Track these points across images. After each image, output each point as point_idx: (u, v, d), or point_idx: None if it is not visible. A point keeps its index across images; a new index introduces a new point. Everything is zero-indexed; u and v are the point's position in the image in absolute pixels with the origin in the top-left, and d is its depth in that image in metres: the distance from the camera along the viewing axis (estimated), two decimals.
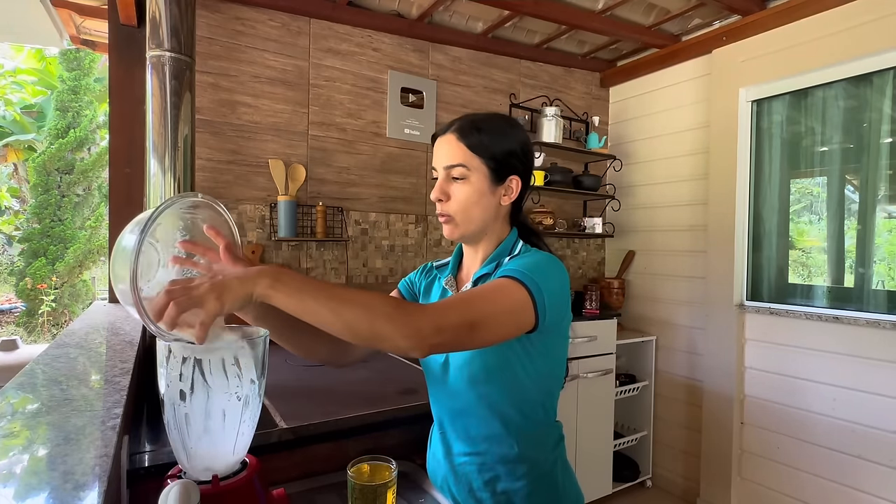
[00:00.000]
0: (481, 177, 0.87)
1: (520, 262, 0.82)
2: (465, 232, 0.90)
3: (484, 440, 0.90)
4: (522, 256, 0.87)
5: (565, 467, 0.94)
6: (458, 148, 0.87)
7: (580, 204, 3.12)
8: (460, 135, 0.87)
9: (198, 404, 0.67)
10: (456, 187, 0.88)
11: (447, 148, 0.88)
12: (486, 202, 0.88)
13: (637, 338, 2.82)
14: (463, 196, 0.87)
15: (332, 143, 2.31)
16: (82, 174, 7.32)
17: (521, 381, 0.86)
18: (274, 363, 1.65)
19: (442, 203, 0.89)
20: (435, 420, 1.00)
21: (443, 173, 0.89)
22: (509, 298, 0.76)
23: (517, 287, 0.77)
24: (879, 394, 1.96)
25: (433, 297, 1.01)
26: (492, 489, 0.89)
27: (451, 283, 0.97)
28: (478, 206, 0.88)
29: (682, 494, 2.72)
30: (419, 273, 1.07)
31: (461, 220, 0.88)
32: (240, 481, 0.71)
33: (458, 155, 0.87)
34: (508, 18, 2.42)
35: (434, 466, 0.99)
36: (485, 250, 0.93)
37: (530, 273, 0.78)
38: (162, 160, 1.36)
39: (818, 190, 2.29)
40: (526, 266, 0.80)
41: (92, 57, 7.38)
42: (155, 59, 1.35)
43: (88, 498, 0.50)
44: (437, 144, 0.90)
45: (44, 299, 6.99)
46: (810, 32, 2.14)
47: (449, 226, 0.90)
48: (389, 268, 2.47)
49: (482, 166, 0.87)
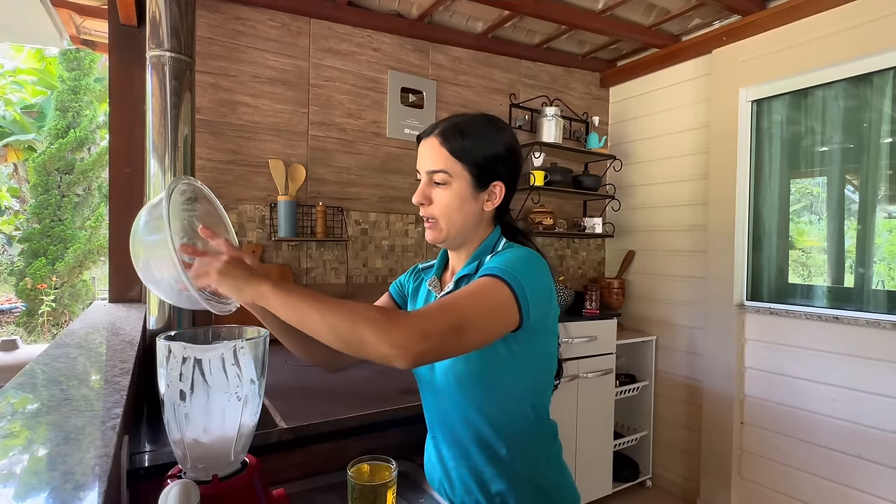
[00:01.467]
0: (463, 183, 0.86)
1: (500, 258, 0.81)
2: (448, 236, 0.89)
3: (472, 443, 0.89)
4: (503, 253, 0.86)
5: (560, 466, 0.93)
6: (441, 153, 0.85)
7: (580, 204, 3.12)
8: (443, 139, 0.86)
9: (198, 404, 0.67)
10: (438, 192, 0.87)
11: (430, 152, 0.87)
12: (468, 208, 0.87)
13: (637, 338, 2.82)
14: (444, 201, 0.86)
15: (332, 143, 2.31)
16: (82, 174, 7.32)
17: (507, 382, 0.85)
18: (274, 363, 1.65)
19: (424, 207, 0.88)
20: (427, 425, 1.00)
21: (425, 177, 0.88)
22: (492, 298, 0.75)
23: (499, 285, 0.76)
24: (879, 394, 1.96)
25: (419, 300, 1.01)
26: (486, 491, 0.89)
27: (434, 284, 0.96)
28: (460, 211, 0.87)
29: (682, 494, 2.72)
30: (408, 275, 1.07)
31: (445, 224, 0.88)
32: (240, 481, 0.71)
33: (439, 160, 0.86)
34: (508, 18, 2.42)
35: (430, 470, 0.99)
36: (468, 252, 0.92)
37: (511, 269, 0.77)
38: (162, 160, 1.36)
39: (818, 190, 2.29)
40: (506, 263, 0.79)
41: (92, 57, 7.38)
42: (155, 59, 1.35)
43: (88, 498, 0.50)
44: (421, 147, 0.89)
45: (44, 299, 7.00)
46: (810, 32, 2.14)
47: (433, 231, 0.89)
48: (389, 268, 2.47)
49: (464, 172, 0.85)
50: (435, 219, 0.88)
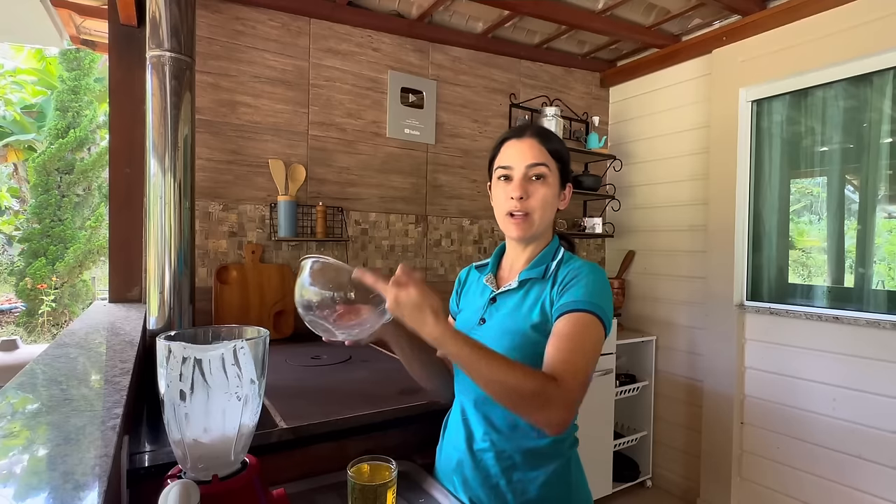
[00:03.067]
0: (555, 181, 0.95)
1: (584, 283, 0.88)
2: (537, 230, 0.95)
3: (508, 428, 0.92)
4: (578, 269, 0.91)
5: (579, 467, 0.98)
6: (541, 150, 0.93)
7: (580, 204, 3.12)
8: (542, 139, 0.94)
9: (198, 404, 0.67)
10: (535, 187, 0.93)
11: (529, 149, 0.94)
12: (553, 204, 0.95)
13: (637, 338, 2.82)
14: (541, 195, 0.93)
15: (332, 143, 2.31)
16: (82, 174, 7.32)
17: None
18: (274, 363, 1.66)
19: (522, 201, 0.92)
20: (456, 406, 1.02)
21: (522, 171, 0.93)
22: (597, 341, 0.85)
23: (597, 325, 0.85)
24: (879, 394, 1.96)
25: (474, 298, 1.05)
26: (508, 477, 0.91)
27: (490, 281, 1.02)
28: (550, 207, 0.95)
29: (682, 494, 2.72)
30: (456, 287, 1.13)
31: (538, 217, 0.94)
32: (240, 481, 0.71)
33: (539, 155, 0.93)
34: (508, 18, 2.42)
35: (449, 452, 1.00)
36: (532, 251, 0.98)
37: (598, 301, 0.86)
38: (162, 160, 1.36)
39: (818, 190, 2.29)
40: (595, 294, 0.86)
41: (92, 57, 7.38)
42: (155, 59, 1.35)
43: (88, 498, 0.50)
44: (515, 145, 0.95)
45: (44, 299, 7.00)
46: (810, 32, 2.14)
47: (525, 223, 0.94)
48: (389, 268, 2.47)
49: (556, 171, 0.95)
50: (529, 213, 0.93)
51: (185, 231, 1.40)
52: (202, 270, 2.05)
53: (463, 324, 1.02)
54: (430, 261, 2.59)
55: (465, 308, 1.06)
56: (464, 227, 2.69)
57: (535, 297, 0.92)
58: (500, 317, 0.95)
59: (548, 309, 0.90)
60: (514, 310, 0.94)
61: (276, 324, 2.13)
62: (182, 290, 1.40)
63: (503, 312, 0.95)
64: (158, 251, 1.36)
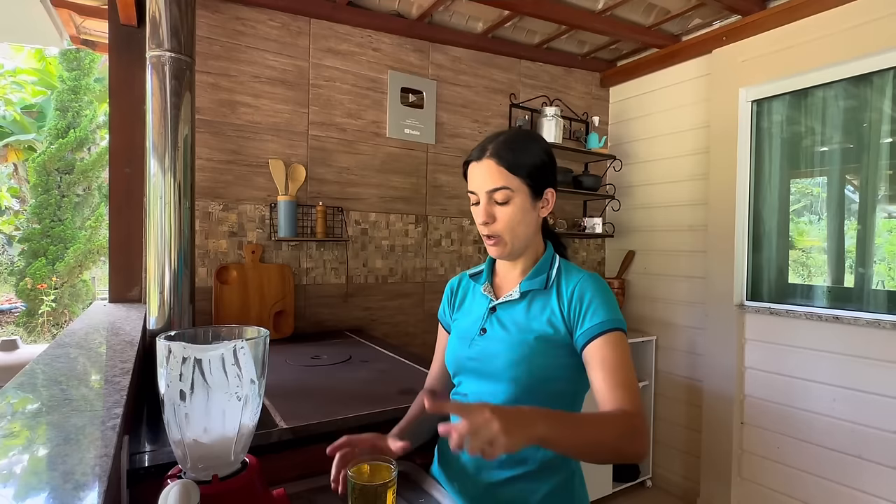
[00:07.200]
0: (523, 196, 0.91)
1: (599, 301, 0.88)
2: (514, 250, 0.94)
3: None
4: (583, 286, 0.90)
5: (581, 481, 0.98)
6: (499, 171, 0.90)
7: (580, 204, 3.12)
8: (498, 159, 0.90)
9: (198, 404, 0.67)
10: (500, 209, 0.91)
11: (487, 172, 0.90)
12: (529, 218, 0.93)
13: (637, 338, 2.82)
14: (508, 217, 0.91)
15: (332, 143, 2.31)
16: (82, 174, 7.32)
17: (562, 391, 0.91)
18: (274, 363, 1.66)
19: (488, 226, 0.92)
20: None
21: (485, 197, 0.91)
22: (628, 352, 0.87)
23: (623, 338, 0.87)
24: (879, 394, 1.96)
25: (471, 307, 1.04)
26: (510, 485, 0.91)
27: (488, 290, 1.01)
28: (522, 223, 0.92)
29: (682, 494, 2.72)
30: (452, 287, 1.10)
31: (510, 238, 0.92)
32: (240, 481, 0.71)
33: (498, 178, 0.90)
34: (508, 18, 2.42)
35: (450, 456, 1.00)
36: (524, 263, 0.97)
37: (616, 314, 0.88)
38: (162, 160, 1.36)
39: (818, 190, 2.29)
40: (610, 308, 0.88)
41: (92, 57, 7.38)
42: (155, 59, 1.35)
43: (88, 498, 0.50)
44: (474, 169, 0.93)
45: (44, 299, 7.00)
46: (810, 32, 2.14)
47: (498, 247, 0.93)
48: (389, 268, 2.47)
49: (523, 185, 0.90)
50: (499, 235, 0.92)
51: (185, 231, 1.40)
52: (202, 270, 2.05)
53: (461, 334, 1.00)
54: (429, 261, 2.59)
55: (461, 318, 1.04)
56: (464, 227, 2.69)
57: (541, 309, 0.92)
58: (503, 327, 0.94)
59: (559, 324, 0.90)
60: (519, 321, 0.93)
61: (276, 324, 2.13)
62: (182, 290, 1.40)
63: (506, 323, 0.94)
64: (158, 251, 1.37)
